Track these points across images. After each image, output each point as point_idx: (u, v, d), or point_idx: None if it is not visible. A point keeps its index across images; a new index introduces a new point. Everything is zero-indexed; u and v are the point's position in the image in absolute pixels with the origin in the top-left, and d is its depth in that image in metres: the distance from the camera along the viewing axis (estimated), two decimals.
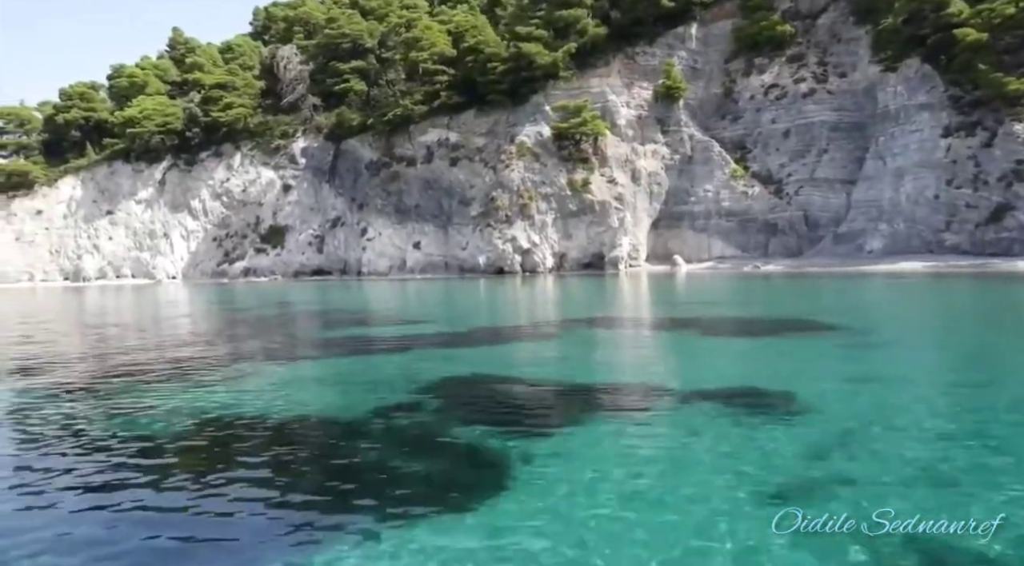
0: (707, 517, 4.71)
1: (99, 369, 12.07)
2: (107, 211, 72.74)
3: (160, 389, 9.83)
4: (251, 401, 8.81)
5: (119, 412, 8.41)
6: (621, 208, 57.80)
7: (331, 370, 11.55)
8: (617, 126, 60.62)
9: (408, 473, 5.98)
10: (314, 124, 72.21)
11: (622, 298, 29.23)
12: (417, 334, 16.80)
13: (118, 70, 79.19)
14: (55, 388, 10.29)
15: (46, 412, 8.63)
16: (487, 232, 59.43)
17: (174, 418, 7.99)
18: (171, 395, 9.32)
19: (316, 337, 17.22)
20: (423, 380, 10.10)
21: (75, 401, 9.27)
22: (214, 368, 11.63)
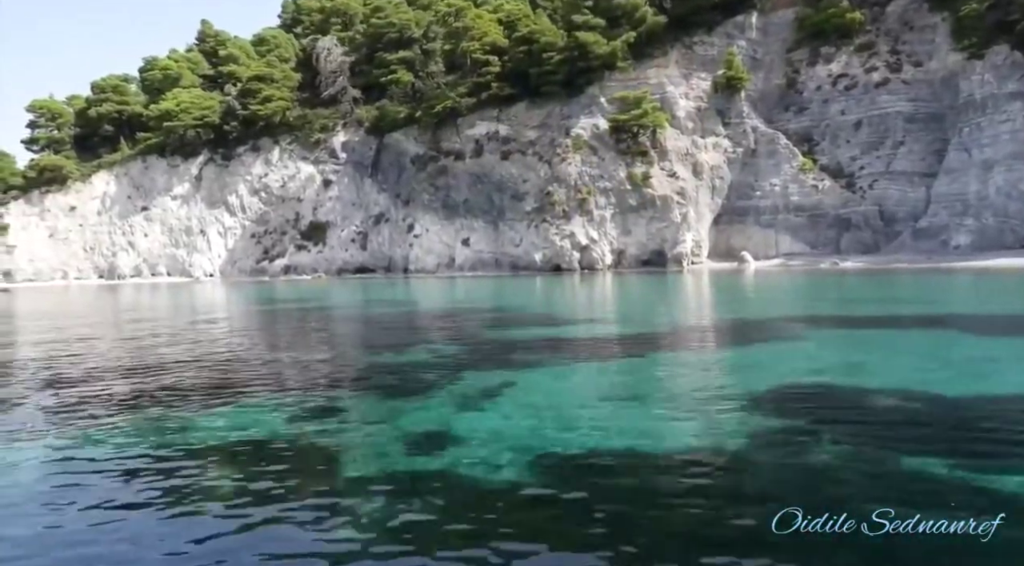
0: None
1: (143, 386, 9.76)
2: (142, 207, 70.79)
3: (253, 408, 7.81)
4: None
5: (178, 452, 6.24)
6: (684, 203, 55.73)
7: (604, 380, 9.44)
8: (676, 118, 58.56)
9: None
10: (355, 117, 70.21)
11: (739, 296, 27.16)
12: (620, 335, 14.73)
13: (150, 63, 77.18)
14: (98, 408, 8.24)
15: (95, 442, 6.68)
16: (543, 228, 57.41)
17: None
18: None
19: (503, 338, 15.06)
20: (740, 391, 8.06)
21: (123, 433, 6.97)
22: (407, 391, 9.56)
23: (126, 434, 6.90)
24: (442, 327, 18.14)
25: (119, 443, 6.57)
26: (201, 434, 6.82)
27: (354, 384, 9.69)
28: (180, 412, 7.81)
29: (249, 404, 8.19)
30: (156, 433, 6.90)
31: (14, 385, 10.33)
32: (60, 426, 7.39)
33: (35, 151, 74.64)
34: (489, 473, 5.39)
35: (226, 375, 10.44)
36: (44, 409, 8.41)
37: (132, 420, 7.54)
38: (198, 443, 6.51)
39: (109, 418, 7.65)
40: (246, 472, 5.71)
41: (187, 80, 74.96)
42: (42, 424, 7.56)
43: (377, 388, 9.19)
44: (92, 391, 9.46)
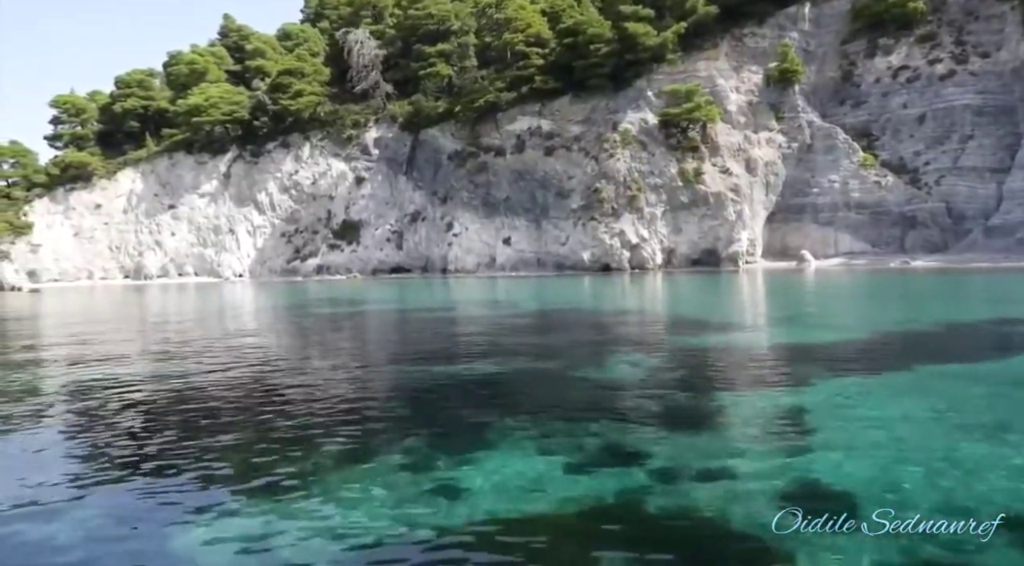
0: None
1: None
2: (169, 205, 68.75)
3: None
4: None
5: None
6: (738, 200, 53.71)
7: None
8: (727, 113, 56.57)
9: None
10: (388, 113, 68.16)
11: (834, 298, 25.08)
12: (826, 342, 12.64)
13: (175, 57, 75.12)
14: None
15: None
16: (591, 226, 55.37)
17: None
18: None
19: (690, 345, 12.99)
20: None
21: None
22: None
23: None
24: (620, 331, 16.07)
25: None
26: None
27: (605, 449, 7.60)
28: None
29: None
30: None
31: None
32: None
33: (58, 148, 72.62)
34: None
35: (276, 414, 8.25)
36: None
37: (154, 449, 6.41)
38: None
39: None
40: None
41: (213, 75, 72.93)
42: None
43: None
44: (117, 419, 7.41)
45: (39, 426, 7.62)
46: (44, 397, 9.40)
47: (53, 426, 7.65)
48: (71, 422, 7.79)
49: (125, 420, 7.66)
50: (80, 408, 8.45)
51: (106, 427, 7.38)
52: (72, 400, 8.98)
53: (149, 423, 7.54)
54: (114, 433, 7.10)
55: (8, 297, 48.47)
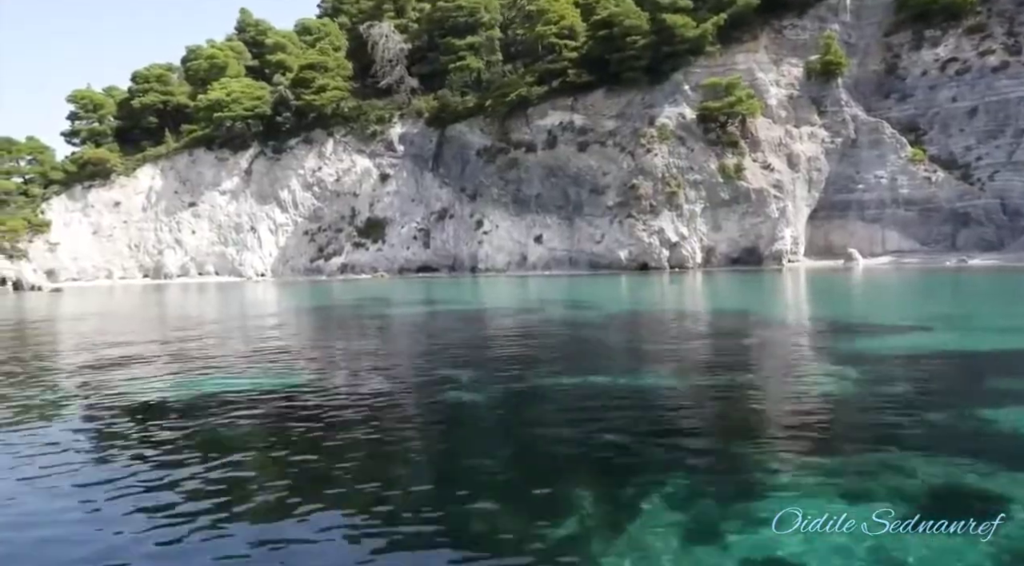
0: None
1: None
2: (189, 203, 67.16)
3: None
4: None
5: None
6: (781, 196, 52.05)
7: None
8: (768, 106, 54.91)
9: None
10: (413, 108, 66.52)
11: (938, 297, 23.44)
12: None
13: (194, 51, 73.56)
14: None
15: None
16: (628, 224, 53.73)
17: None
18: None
19: (870, 352, 11.36)
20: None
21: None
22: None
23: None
24: (734, 341, 14.44)
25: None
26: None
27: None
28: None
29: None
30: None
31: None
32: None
33: (75, 144, 71.07)
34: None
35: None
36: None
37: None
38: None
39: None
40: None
41: (233, 70, 71.40)
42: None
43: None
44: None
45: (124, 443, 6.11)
46: (105, 412, 7.83)
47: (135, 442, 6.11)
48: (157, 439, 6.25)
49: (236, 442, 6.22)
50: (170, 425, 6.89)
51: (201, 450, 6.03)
52: (153, 416, 7.38)
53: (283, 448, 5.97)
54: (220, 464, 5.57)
55: (30, 297, 46.91)
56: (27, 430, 7.36)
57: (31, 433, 7.22)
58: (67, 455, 6.23)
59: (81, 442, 6.81)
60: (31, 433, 7.22)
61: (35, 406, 8.72)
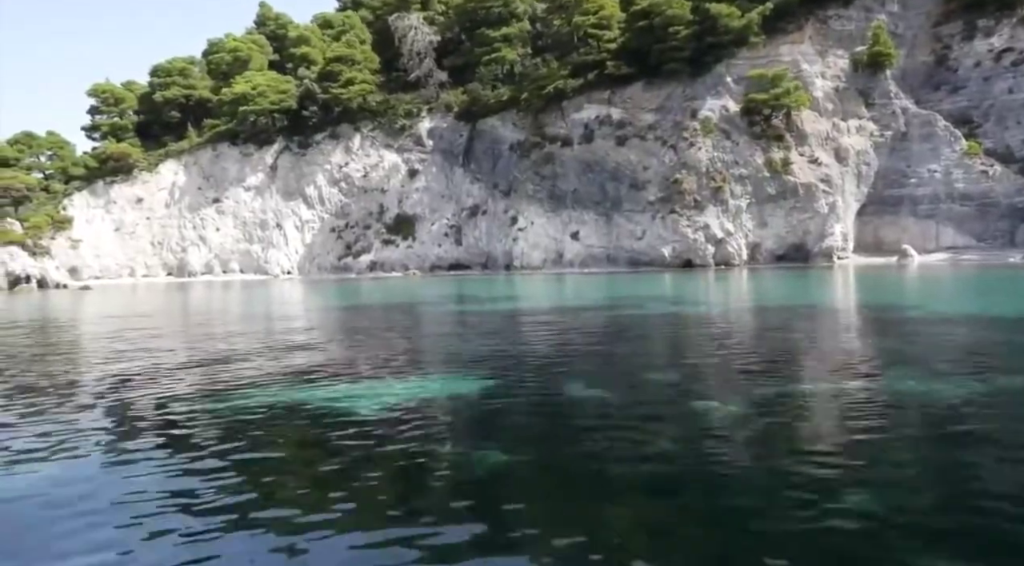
0: None
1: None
2: (213, 199, 65.61)
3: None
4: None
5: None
6: (830, 191, 50.47)
7: None
8: (814, 99, 53.29)
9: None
10: (442, 102, 64.97)
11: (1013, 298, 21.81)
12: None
13: (215, 45, 72.05)
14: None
15: None
16: (671, 219, 52.13)
17: None
18: None
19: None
20: None
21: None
22: None
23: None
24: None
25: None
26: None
27: None
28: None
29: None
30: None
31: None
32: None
33: (95, 139, 69.49)
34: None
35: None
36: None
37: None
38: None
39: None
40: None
41: (256, 63, 69.86)
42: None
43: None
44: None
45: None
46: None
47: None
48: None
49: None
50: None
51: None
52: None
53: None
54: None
55: (59, 296, 45.25)
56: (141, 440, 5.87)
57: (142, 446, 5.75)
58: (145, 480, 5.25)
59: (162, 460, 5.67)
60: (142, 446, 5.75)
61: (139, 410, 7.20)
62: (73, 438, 6.55)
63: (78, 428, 7.01)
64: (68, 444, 6.34)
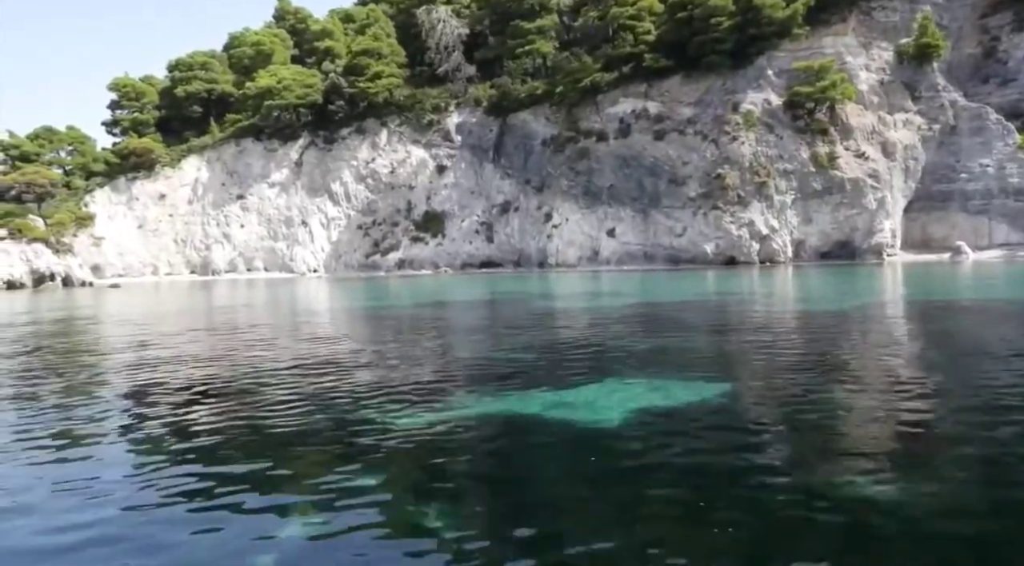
0: None
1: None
2: (237, 196, 64.22)
3: None
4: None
5: None
6: (878, 187, 49.11)
7: None
8: (859, 92, 51.95)
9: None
10: (471, 96, 63.58)
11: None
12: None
13: (237, 38, 70.65)
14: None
15: None
16: (714, 215, 50.77)
17: None
18: None
19: None
20: None
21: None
22: None
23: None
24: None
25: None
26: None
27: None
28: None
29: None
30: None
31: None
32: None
33: (115, 134, 68.07)
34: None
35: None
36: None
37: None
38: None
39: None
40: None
41: (279, 57, 68.48)
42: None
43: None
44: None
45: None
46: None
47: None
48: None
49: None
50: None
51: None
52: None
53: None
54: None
55: (87, 294, 43.79)
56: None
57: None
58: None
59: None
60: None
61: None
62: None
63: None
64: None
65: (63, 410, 7.63)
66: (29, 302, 34.22)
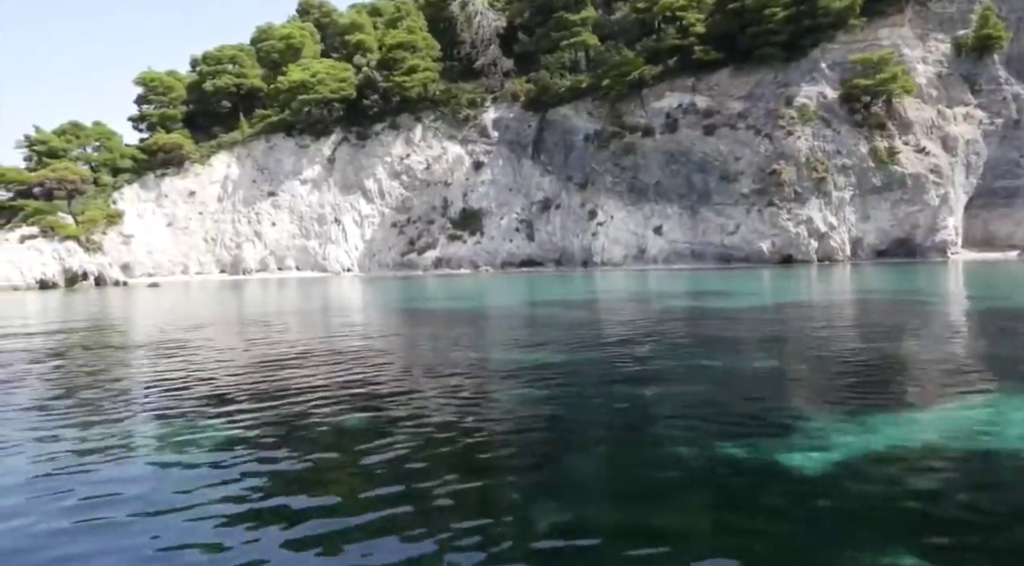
0: None
1: None
2: (268, 193, 62.57)
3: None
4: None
5: None
6: (941, 182, 47.58)
7: None
8: (917, 85, 50.43)
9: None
10: (508, 91, 61.97)
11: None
12: None
13: (265, 31, 68.98)
14: None
15: None
16: (769, 212, 49.24)
17: None
18: None
19: None
20: None
21: None
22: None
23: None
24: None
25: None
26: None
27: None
28: None
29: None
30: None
31: None
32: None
33: (141, 129, 66.43)
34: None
35: None
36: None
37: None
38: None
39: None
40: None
41: (309, 51, 66.82)
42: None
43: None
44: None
45: None
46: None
47: None
48: None
49: None
50: None
51: None
52: None
53: None
54: None
55: (126, 294, 42.09)
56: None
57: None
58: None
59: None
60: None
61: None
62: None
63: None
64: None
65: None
66: (77, 304, 32.57)
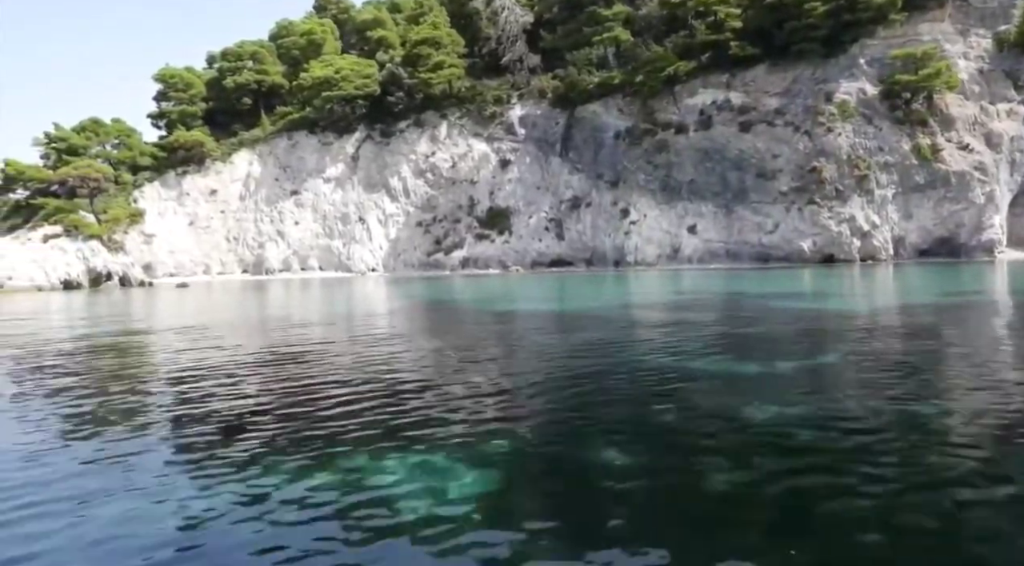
0: None
1: None
2: (291, 191, 61.48)
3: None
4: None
5: None
6: (986, 180, 46.60)
7: None
8: (959, 81, 49.45)
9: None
10: (534, 87, 60.92)
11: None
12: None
13: (286, 27, 67.86)
14: None
15: None
16: (810, 211, 48.25)
17: None
18: None
19: None
20: None
21: None
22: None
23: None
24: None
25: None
26: None
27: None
28: None
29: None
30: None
31: None
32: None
33: (160, 127, 65.24)
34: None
35: None
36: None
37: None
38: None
39: None
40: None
41: (330, 47, 65.70)
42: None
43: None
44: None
45: None
46: None
47: None
48: None
49: None
50: None
51: None
52: None
53: None
54: None
55: (155, 294, 40.89)
56: None
57: None
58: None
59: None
60: None
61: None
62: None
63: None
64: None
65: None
66: (125, 305, 31.42)
